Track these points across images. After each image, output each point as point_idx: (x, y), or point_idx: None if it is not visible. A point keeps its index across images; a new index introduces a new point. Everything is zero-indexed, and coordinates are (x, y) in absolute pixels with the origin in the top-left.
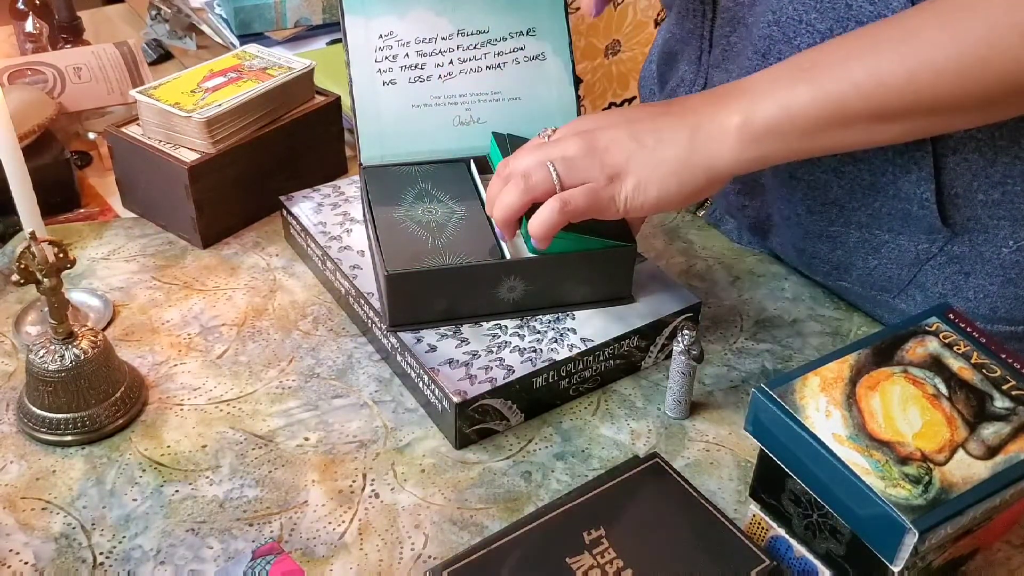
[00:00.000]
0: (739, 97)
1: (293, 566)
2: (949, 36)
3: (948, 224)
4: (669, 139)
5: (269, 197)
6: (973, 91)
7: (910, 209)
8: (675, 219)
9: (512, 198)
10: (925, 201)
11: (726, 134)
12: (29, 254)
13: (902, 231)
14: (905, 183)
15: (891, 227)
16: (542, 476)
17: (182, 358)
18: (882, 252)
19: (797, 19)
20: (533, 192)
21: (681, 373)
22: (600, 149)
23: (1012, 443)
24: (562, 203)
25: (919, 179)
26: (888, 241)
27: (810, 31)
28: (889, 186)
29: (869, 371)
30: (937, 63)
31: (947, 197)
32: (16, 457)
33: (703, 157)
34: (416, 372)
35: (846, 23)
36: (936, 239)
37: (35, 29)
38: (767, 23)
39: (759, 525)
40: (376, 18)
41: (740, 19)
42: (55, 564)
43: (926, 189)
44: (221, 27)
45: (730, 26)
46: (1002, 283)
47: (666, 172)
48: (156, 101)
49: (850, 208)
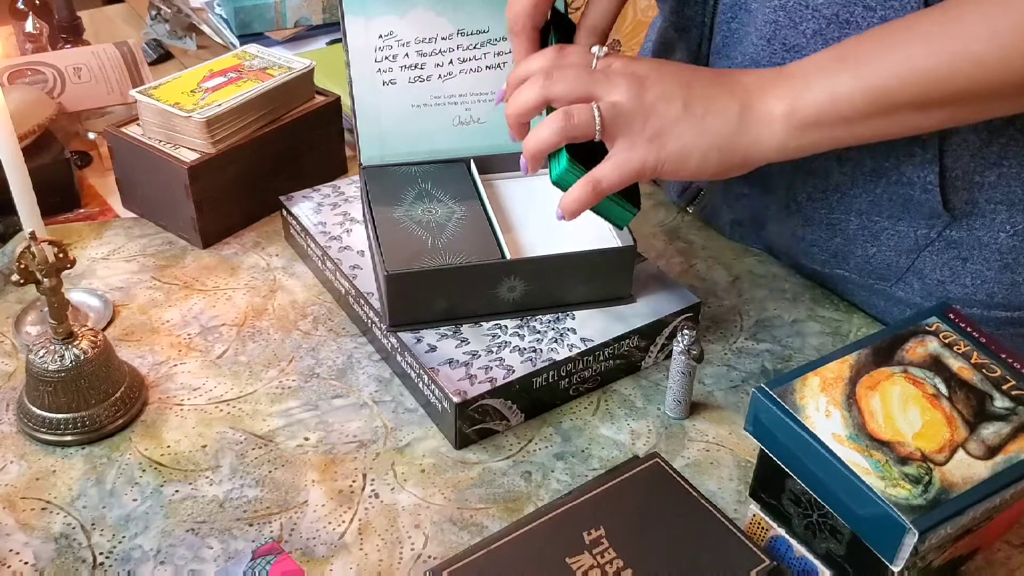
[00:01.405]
0: (785, 84)
1: (293, 566)
2: (989, 26)
3: (948, 208)
4: (719, 111)
5: (269, 197)
6: (1013, 80)
7: (912, 194)
8: (675, 219)
9: (548, 134)
10: (928, 184)
11: (772, 120)
12: (29, 254)
13: (902, 217)
14: (908, 167)
15: (891, 213)
16: (542, 476)
17: (182, 358)
18: (881, 239)
19: (803, 4)
20: (573, 133)
21: (681, 373)
22: (648, 104)
23: (1012, 443)
24: (594, 183)
25: (923, 162)
26: (888, 228)
27: (816, 16)
28: (892, 171)
29: (869, 371)
30: (977, 53)
31: (947, 180)
32: (16, 457)
33: (747, 138)
34: (416, 372)
35: (852, 7)
36: (935, 224)
37: (35, 29)
38: (772, 8)
39: (759, 525)
40: (376, 18)
41: (742, 4)
42: (55, 564)
43: (930, 172)
44: (221, 27)
45: (731, 12)
46: (999, 269)
47: (710, 144)
48: (156, 101)
49: (851, 194)
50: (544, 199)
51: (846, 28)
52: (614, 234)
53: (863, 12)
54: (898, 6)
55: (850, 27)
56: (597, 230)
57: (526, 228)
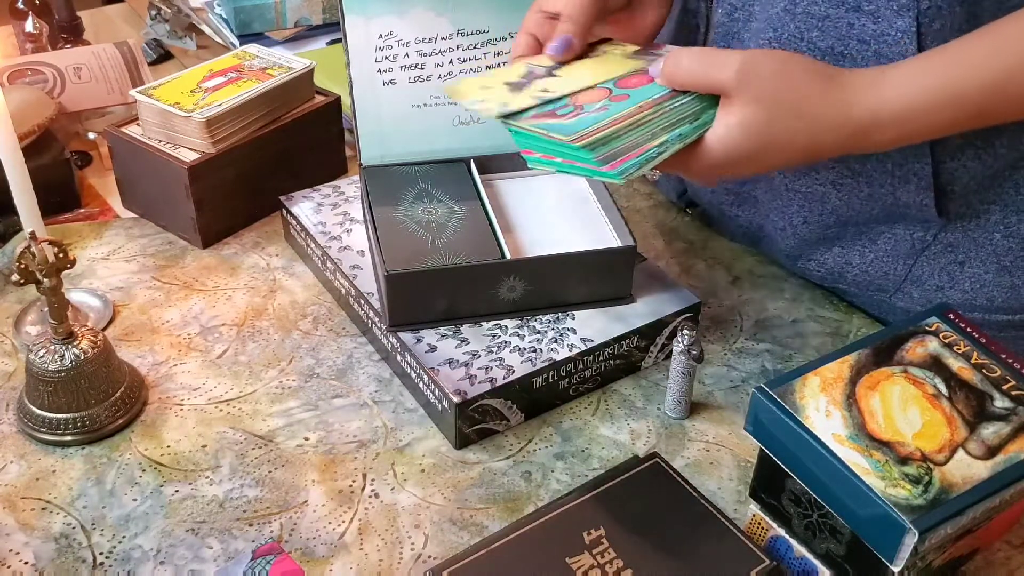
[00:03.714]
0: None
1: (293, 566)
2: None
3: (943, 215)
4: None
5: (269, 197)
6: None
7: (908, 213)
8: (675, 219)
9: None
10: (924, 207)
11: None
12: (29, 254)
13: (898, 222)
14: (904, 192)
15: (887, 220)
16: (542, 476)
17: (182, 358)
18: (878, 243)
19: (798, 36)
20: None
21: (681, 373)
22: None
23: (1012, 443)
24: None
25: (918, 188)
26: (884, 231)
27: (811, 48)
28: (887, 196)
29: (869, 371)
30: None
31: (944, 196)
32: (16, 457)
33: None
34: (416, 372)
35: (847, 41)
36: (931, 227)
37: (35, 29)
38: (767, 40)
39: (759, 525)
40: (376, 18)
41: (735, 34)
42: (55, 564)
43: (925, 197)
44: (221, 27)
45: (725, 41)
46: (996, 271)
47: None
48: (156, 101)
49: (846, 216)
50: (544, 199)
51: (841, 61)
52: (614, 234)
53: (858, 46)
54: (891, 41)
55: (845, 60)
56: (597, 230)
57: (526, 228)
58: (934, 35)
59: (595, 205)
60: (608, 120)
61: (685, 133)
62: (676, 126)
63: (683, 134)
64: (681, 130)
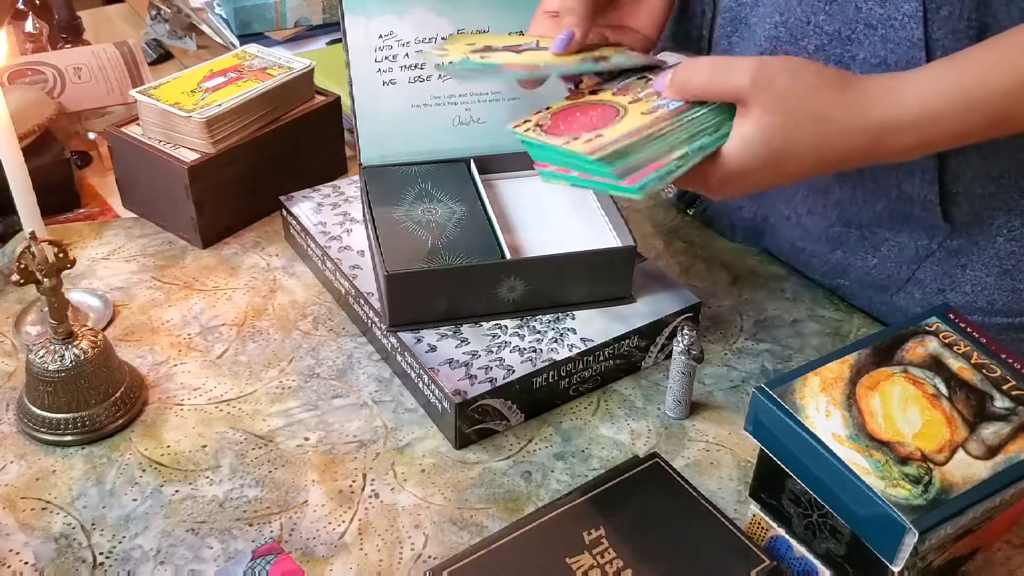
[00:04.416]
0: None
1: (293, 566)
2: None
3: (949, 220)
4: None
5: (269, 197)
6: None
7: (912, 211)
8: (675, 219)
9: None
10: (928, 203)
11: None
12: (29, 254)
13: (902, 228)
14: (908, 186)
15: (891, 226)
16: (542, 476)
17: (182, 358)
18: (882, 250)
19: (805, 20)
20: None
21: (681, 373)
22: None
23: (1012, 443)
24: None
25: (922, 182)
26: (888, 239)
27: (818, 32)
28: (892, 189)
29: (869, 371)
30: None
31: (948, 196)
32: (16, 457)
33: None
34: (416, 372)
35: (854, 25)
36: (936, 235)
37: (35, 29)
38: (773, 24)
39: (759, 525)
40: (376, 18)
41: (742, 19)
42: (55, 564)
43: (929, 192)
44: (221, 27)
45: (731, 26)
46: (998, 274)
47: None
48: (156, 101)
49: (851, 210)
50: (544, 199)
51: (848, 45)
52: (614, 234)
53: (865, 30)
54: (898, 25)
55: (852, 44)
56: (597, 230)
57: (526, 228)
58: (941, 21)
59: (595, 205)
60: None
61: (705, 145)
62: (696, 138)
63: (703, 146)
64: (701, 142)
